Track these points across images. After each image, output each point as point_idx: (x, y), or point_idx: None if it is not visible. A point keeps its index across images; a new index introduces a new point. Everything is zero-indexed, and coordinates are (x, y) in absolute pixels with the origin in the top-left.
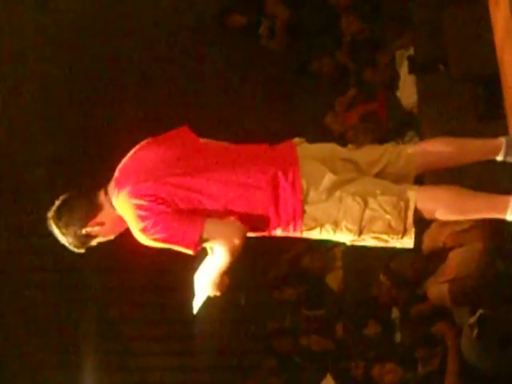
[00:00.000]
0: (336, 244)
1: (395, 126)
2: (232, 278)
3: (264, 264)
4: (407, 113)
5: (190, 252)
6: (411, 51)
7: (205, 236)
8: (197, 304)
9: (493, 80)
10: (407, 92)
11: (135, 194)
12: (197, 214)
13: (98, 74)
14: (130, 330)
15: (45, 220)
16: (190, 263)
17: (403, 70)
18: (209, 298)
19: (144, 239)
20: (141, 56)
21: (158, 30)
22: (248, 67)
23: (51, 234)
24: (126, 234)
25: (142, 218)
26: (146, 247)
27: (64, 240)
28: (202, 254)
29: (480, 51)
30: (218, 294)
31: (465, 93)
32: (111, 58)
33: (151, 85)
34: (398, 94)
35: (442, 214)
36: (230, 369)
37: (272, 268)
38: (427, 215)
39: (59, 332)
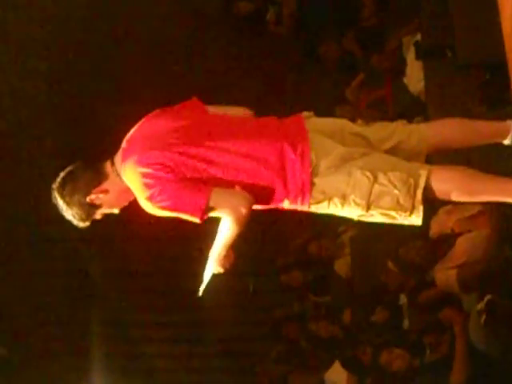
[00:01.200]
0: (344, 230)
1: (403, 112)
2: (240, 264)
3: (272, 251)
4: (414, 99)
5: (196, 220)
6: (418, 37)
7: (211, 204)
8: (202, 285)
9: (500, 66)
10: (414, 78)
11: (142, 163)
12: (203, 183)
13: (102, 64)
14: (137, 316)
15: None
16: (198, 248)
17: (410, 56)
18: (214, 278)
19: (150, 207)
20: (147, 44)
21: (166, 18)
22: (255, 53)
23: (50, 239)
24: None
25: (149, 186)
26: (152, 232)
27: (69, 212)
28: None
29: (487, 37)
30: (221, 270)
31: (472, 79)
32: (116, 48)
33: (158, 73)
34: (406, 80)
35: (452, 195)
36: (238, 355)
37: (280, 255)
38: (437, 195)
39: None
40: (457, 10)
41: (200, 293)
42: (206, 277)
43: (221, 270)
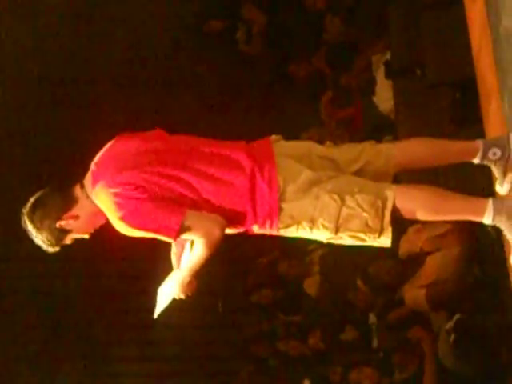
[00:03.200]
0: (313, 249)
1: (372, 131)
2: (209, 284)
3: (241, 270)
4: (384, 117)
5: (170, 240)
6: (388, 56)
7: (186, 224)
8: (158, 307)
9: (469, 85)
10: (384, 97)
11: (113, 183)
12: (177, 204)
13: (75, 77)
14: (105, 335)
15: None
16: (162, 267)
17: (380, 74)
18: (173, 302)
19: (124, 228)
20: (120, 62)
21: (137, 35)
22: (226, 71)
23: (26, 239)
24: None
25: (121, 206)
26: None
27: (39, 237)
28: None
29: (457, 56)
30: (182, 296)
31: (441, 97)
32: (91, 63)
33: (130, 90)
34: (375, 98)
35: (419, 214)
36: (208, 375)
37: (250, 274)
38: (404, 214)
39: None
40: (426, 29)
41: (156, 315)
42: (164, 300)
43: (182, 296)
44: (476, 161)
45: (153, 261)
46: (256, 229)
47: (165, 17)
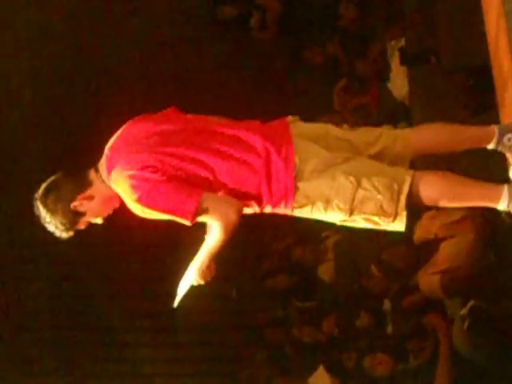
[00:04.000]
0: (328, 235)
1: (387, 118)
2: (223, 269)
3: (255, 256)
4: (399, 104)
5: (186, 223)
6: (402, 42)
7: (203, 207)
8: (178, 296)
9: (484, 71)
10: (399, 83)
11: (128, 166)
12: (193, 185)
13: (89, 67)
14: (120, 321)
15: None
16: (181, 253)
17: (395, 61)
18: (192, 289)
19: (140, 210)
20: (132, 49)
21: (150, 22)
22: (240, 59)
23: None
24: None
25: (136, 188)
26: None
27: (52, 222)
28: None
29: (471, 42)
30: (202, 282)
31: (456, 84)
32: (103, 52)
33: (142, 79)
34: (390, 85)
35: (434, 200)
36: (222, 360)
37: (264, 260)
38: (420, 200)
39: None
40: (441, 16)
41: (175, 304)
42: (183, 287)
43: (201, 282)
44: (491, 146)
45: (174, 247)
46: (269, 208)
47: (178, 4)
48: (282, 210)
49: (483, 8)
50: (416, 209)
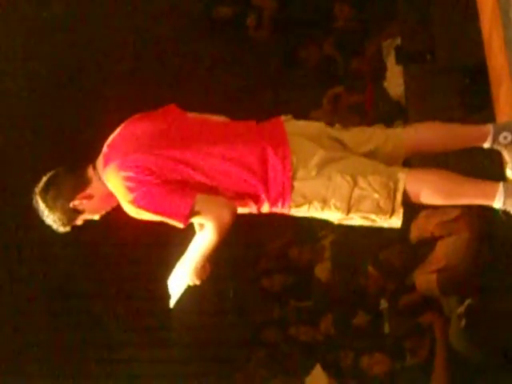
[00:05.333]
0: (324, 235)
1: (382, 116)
2: (220, 269)
3: (252, 255)
4: (394, 103)
5: (179, 225)
6: (398, 41)
7: (196, 210)
8: (174, 296)
9: (480, 69)
10: (394, 82)
11: (124, 166)
12: (187, 187)
13: (86, 67)
14: (115, 321)
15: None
16: (174, 252)
17: (390, 60)
18: (188, 289)
19: (133, 211)
20: (128, 49)
21: (146, 21)
22: (235, 58)
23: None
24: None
25: (131, 189)
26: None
27: (50, 217)
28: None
29: (467, 41)
30: (197, 282)
31: (452, 83)
32: (101, 51)
33: (138, 78)
34: (386, 84)
35: (429, 198)
36: (218, 360)
37: (261, 259)
38: (415, 198)
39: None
40: (437, 15)
41: (172, 305)
42: (179, 288)
43: (197, 282)
44: (486, 145)
45: (165, 247)
46: (266, 208)
47: (173, 3)
48: (279, 209)
49: (478, 6)
50: (412, 208)
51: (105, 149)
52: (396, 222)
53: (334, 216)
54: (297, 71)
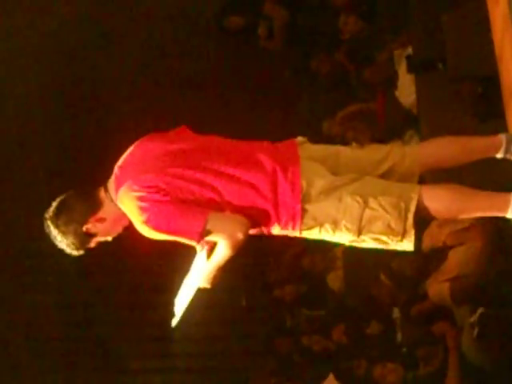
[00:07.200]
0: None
1: (394, 126)
2: (232, 279)
3: (264, 265)
4: (406, 112)
5: (193, 243)
6: (410, 50)
7: (208, 228)
8: (177, 315)
9: (491, 79)
10: (406, 91)
11: (136, 186)
12: (200, 206)
13: (95, 78)
14: (125, 332)
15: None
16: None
17: (402, 69)
18: (198, 300)
19: (147, 231)
20: (138, 59)
21: (157, 32)
22: (247, 68)
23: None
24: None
25: (144, 210)
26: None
27: (63, 241)
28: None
29: (479, 50)
30: (208, 286)
31: (463, 91)
32: (109, 62)
33: (149, 89)
34: (397, 93)
35: (444, 213)
36: (231, 370)
37: (273, 269)
38: (428, 214)
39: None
40: (448, 23)
41: (173, 324)
42: (182, 306)
43: (208, 286)
44: (499, 155)
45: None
46: (277, 230)
47: (185, 13)
48: (289, 232)
49: (490, 15)
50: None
51: (116, 170)
52: (408, 244)
53: (345, 238)
54: (308, 81)
